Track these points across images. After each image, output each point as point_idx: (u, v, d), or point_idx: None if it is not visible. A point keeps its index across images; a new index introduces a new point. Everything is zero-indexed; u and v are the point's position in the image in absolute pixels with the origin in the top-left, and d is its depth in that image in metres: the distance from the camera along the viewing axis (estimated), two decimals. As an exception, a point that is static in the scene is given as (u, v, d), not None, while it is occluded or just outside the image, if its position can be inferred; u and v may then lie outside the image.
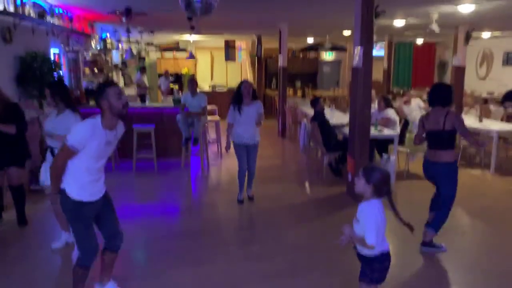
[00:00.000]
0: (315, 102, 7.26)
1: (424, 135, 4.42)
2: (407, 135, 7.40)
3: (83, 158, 2.90)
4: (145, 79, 13.93)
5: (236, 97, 5.59)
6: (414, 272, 4.01)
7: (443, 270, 4.07)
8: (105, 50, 11.01)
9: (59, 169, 2.93)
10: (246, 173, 5.86)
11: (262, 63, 15.89)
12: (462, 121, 4.18)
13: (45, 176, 4.12)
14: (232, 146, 5.82)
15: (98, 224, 3.21)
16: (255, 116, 5.57)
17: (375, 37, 5.94)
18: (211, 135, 9.74)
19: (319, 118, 7.10)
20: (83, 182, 2.96)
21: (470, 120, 7.83)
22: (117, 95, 2.91)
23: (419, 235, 4.29)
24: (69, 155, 2.87)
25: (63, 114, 4.08)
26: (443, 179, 4.37)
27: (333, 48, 15.66)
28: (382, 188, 2.59)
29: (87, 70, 9.70)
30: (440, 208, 4.42)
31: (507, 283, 3.82)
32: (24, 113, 4.72)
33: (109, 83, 3.06)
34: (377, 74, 14.27)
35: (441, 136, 4.20)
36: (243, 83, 5.63)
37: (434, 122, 4.23)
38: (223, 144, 8.96)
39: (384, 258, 2.69)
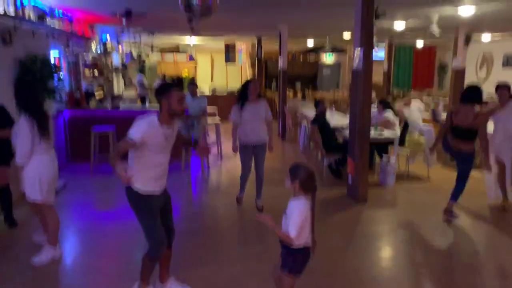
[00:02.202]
0: (317, 104, 7.28)
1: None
2: (407, 137, 7.40)
3: (149, 154, 3.07)
4: (145, 80, 13.94)
5: (242, 94, 5.39)
6: (413, 275, 4.00)
7: (443, 270, 4.06)
8: (105, 52, 11.02)
9: (117, 156, 3.02)
10: (248, 178, 5.67)
11: (262, 65, 15.89)
12: (485, 126, 5.09)
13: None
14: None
15: (161, 218, 3.31)
16: (262, 114, 5.37)
17: (375, 39, 5.94)
18: (211, 137, 9.73)
19: (319, 121, 7.10)
20: (150, 176, 3.13)
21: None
22: (180, 101, 3.10)
23: (420, 237, 4.28)
24: (127, 146, 3.02)
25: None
26: (462, 161, 5.23)
27: (333, 50, 15.68)
28: (307, 185, 2.75)
29: (87, 73, 9.71)
30: (458, 182, 5.23)
31: (508, 283, 3.82)
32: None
33: (175, 85, 3.23)
34: (377, 76, 14.28)
35: (467, 131, 4.97)
36: (251, 83, 5.39)
37: (463, 117, 4.97)
38: (224, 146, 9.01)
39: (306, 252, 2.83)
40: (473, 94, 5.05)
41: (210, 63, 17.53)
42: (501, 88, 5.50)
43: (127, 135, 3.01)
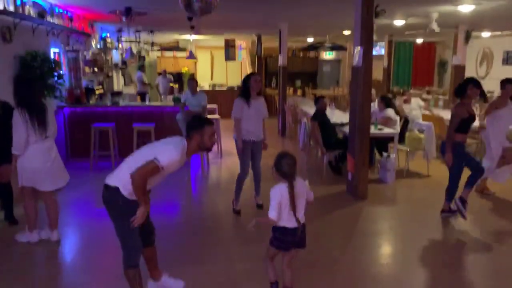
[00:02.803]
0: (317, 101, 7.29)
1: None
2: (407, 133, 7.42)
3: (158, 175, 3.00)
4: (145, 78, 13.95)
5: (245, 90, 5.23)
6: (413, 272, 4.02)
7: (443, 266, 4.08)
8: (105, 49, 11.01)
9: (144, 185, 2.92)
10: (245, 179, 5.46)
11: (262, 62, 15.88)
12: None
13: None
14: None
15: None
16: (262, 111, 5.31)
17: (375, 37, 5.94)
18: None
19: (319, 117, 7.10)
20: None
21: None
22: (211, 135, 3.13)
23: (420, 234, 4.29)
24: (156, 172, 2.93)
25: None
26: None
27: (333, 48, 15.67)
28: (279, 168, 3.05)
29: (87, 70, 9.70)
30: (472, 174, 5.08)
31: (508, 282, 3.83)
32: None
33: (209, 121, 3.19)
34: (377, 73, 14.27)
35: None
36: (254, 76, 5.26)
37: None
38: (224, 142, 9.00)
39: (285, 232, 3.13)
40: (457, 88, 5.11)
41: (210, 60, 17.52)
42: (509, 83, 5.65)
43: (156, 159, 2.88)
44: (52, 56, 7.39)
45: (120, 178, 3.03)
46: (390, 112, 7.44)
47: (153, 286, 3.54)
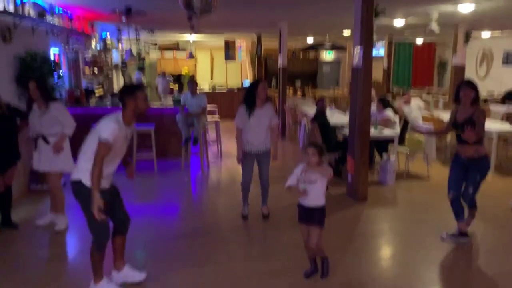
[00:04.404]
0: (318, 102, 7.29)
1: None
2: (407, 135, 7.41)
3: (111, 153, 3.17)
4: (143, 79, 13.94)
5: (250, 98, 4.91)
6: (413, 273, 4.01)
7: (444, 268, 4.07)
8: (105, 50, 11.00)
9: (101, 167, 3.09)
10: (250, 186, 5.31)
11: (262, 62, 15.86)
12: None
13: (37, 162, 4.77)
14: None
15: (110, 211, 3.41)
16: (267, 119, 4.95)
17: (375, 37, 5.94)
18: (211, 135, 9.73)
19: (319, 119, 7.09)
20: (102, 175, 3.17)
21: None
22: (145, 100, 3.35)
23: (421, 236, 4.27)
24: (106, 152, 3.10)
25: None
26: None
27: (333, 48, 15.67)
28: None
29: (87, 70, 9.69)
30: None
31: (508, 283, 3.82)
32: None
33: (139, 86, 3.48)
34: (377, 73, 14.26)
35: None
36: (261, 84, 4.94)
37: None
38: (224, 144, 9.00)
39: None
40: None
41: (210, 60, 17.51)
42: None
43: (100, 138, 3.09)
44: (52, 56, 7.39)
45: (80, 169, 3.25)
46: (389, 113, 7.44)
47: (116, 275, 3.65)
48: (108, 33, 11.46)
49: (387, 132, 7.01)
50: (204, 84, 15.62)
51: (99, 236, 3.33)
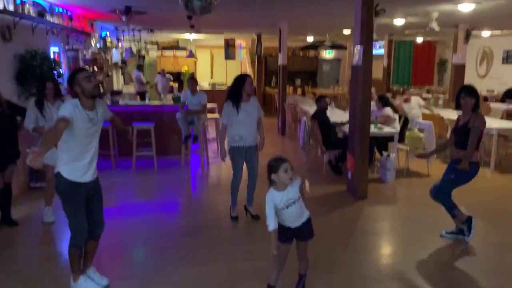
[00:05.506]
0: (319, 100, 7.29)
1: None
2: (407, 133, 7.41)
3: (75, 139, 3.17)
4: (143, 77, 13.93)
5: (235, 93, 4.89)
6: (413, 271, 4.02)
7: (444, 266, 4.08)
8: (105, 48, 10.99)
9: (54, 136, 3.03)
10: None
11: (262, 61, 15.88)
12: None
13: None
14: (227, 152, 5.09)
15: (88, 208, 3.40)
16: (255, 113, 4.95)
17: (375, 36, 5.94)
18: (211, 133, 9.73)
19: (319, 117, 7.10)
20: (77, 165, 3.23)
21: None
22: (87, 78, 3.20)
23: (420, 233, 4.27)
24: (62, 125, 3.04)
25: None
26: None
27: (333, 47, 15.67)
28: (269, 179, 3.18)
29: (87, 69, 9.69)
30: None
31: (508, 280, 3.83)
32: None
33: (78, 69, 3.45)
34: (377, 72, 14.26)
35: None
36: (248, 78, 4.92)
37: None
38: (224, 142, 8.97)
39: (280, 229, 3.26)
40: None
41: (210, 59, 17.50)
42: None
43: (58, 116, 3.11)
44: (51, 55, 7.39)
45: (58, 162, 3.27)
46: (388, 110, 7.44)
47: (81, 276, 3.57)
48: (108, 32, 11.45)
49: (387, 129, 7.02)
50: (204, 83, 15.62)
51: (76, 232, 3.33)
